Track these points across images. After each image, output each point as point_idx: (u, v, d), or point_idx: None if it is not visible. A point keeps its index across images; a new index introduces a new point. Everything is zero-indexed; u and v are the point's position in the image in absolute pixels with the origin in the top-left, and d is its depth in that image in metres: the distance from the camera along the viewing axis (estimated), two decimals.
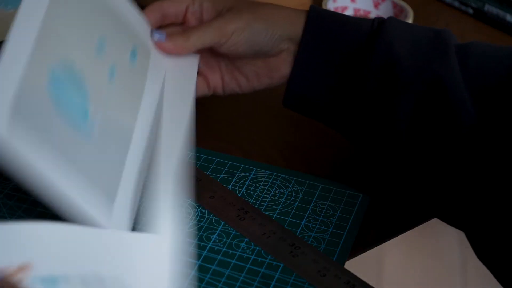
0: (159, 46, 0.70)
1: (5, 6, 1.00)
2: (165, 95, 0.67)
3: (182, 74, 0.70)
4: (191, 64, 0.71)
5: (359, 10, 1.05)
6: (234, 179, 0.75)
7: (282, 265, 0.66)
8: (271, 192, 0.74)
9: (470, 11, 1.08)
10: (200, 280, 0.64)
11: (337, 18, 0.71)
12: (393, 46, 0.67)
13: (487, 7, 1.06)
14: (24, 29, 0.50)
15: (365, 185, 0.76)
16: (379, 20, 0.70)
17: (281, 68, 0.72)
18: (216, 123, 0.85)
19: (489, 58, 0.67)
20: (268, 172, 0.77)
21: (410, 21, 0.99)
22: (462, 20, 1.08)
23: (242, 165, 0.77)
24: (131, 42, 0.65)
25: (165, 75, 0.69)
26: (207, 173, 0.76)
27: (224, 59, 0.73)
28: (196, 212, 0.71)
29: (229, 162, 0.77)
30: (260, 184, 0.75)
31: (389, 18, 0.70)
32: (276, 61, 0.72)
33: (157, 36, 0.70)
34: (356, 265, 0.71)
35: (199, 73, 0.73)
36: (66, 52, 0.53)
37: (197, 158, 0.77)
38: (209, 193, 0.73)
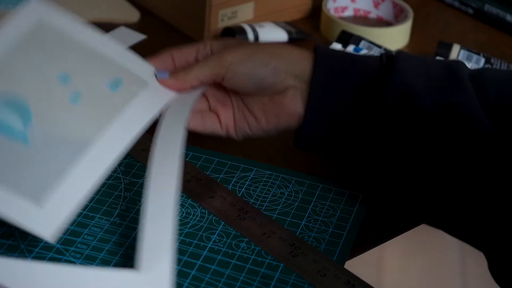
0: (163, 83, 0.71)
1: (5, 6, 1.00)
2: (161, 125, 0.69)
3: (181, 106, 0.71)
4: (191, 97, 0.72)
5: (359, 10, 1.05)
6: (234, 179, 0.75)
7: (282, 265, 0.66)
8: (271, 192, 0.74)
9: (470, 11, 1.08)
10: (200, 280, 0.64)
11: (344, 56, 0.71)
12: (407, 79, 0.67)
13: (487, 7, 1.06)
14: None
15: (365, 186, 0.76)
16: (387, 55, 0.70)
17: (288, 106, 0.71)
18: None
19: (504, 83, 0.67)
20: (268, 172, 0.77)
21: (410, 21, 1.00)
22: (462, 20, 1.08)
23: (242, 165, 0.77)
24: (110, 74, 0.70)
25: (164, 106, 0.71)
26: (207, 173, 0.76)
27: (235, 96, 0.73)
28: (196, 212, 0.71)
29: (229, 162, 0.77)
30: (260, 184, 0.75)
31: (398, 52, 0.70)
32: (283, 99, 0.71)
33: (160, 75, 0.72)
34: (356, 265, 0.71)
35: (212, 110, 0.74)
36: (8, 86, 0.65)
37: (197, 158, 0.77)
38: (209, 193, 0.73)
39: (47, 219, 0.60)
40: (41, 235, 0.60)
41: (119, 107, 0.68)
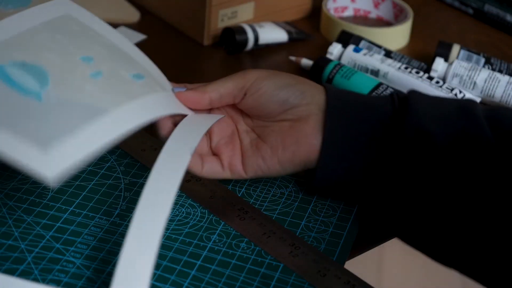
0: (180, 96, 0.68)
1: (5, 6, 1.00)
2: (167, 146, 0.66)
3: (192, 129, 0.68)
4: (207, 120, 0.69)
5: (359, 10, 1.05)
6: (234, 179, 0.75)
7: (282, 265, 0.66)
8: (271, 192, 0.74)
9: (470, 11, 1.08)
10: (200, 280, 0.64)
11: (355, 99, 0.68)
12: (422, 122, 0.65)
13: (487, 7, 1.06)
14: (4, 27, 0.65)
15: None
16: (398, 97, 0.68)
17: (310, 134, 0.67)
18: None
19: None
20: None
21: (410, 21, 1.00)
22: (462, 20, 1.08)
23: None
24: (133, 69, 0.68)
25: (179, 114, 0.69)
26: None
27: (246, 128, 0.70)
28: (196, 212, 0.71)
29: None
30: (260, 184, 0.75)
31: (410, 92, 0.68)
32: (305, 126, 0.67)
33: (177, 89, 0.69)
34: (356, 265, 0.71)
35: (213, 150, 0.70)
36: (28, 56, 0.64)
37: None
38: (209, 193, 0.73)
39: (51, 163, 0.57)
40: (43, 176, 0.56)
41: (138, 94, 0.66)
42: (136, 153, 0.77)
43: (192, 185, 0.73)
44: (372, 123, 0.67)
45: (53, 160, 0.57)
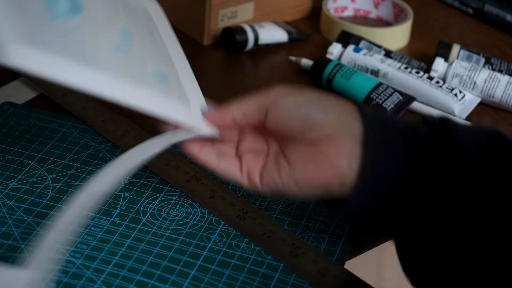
0: (207, 117, 0.65)
1: None
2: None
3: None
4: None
5: (359, 10, 1.05)
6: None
7: (282, 265, 0.66)
8: None
9: (470, 11, 1.08)
10: (200, 280, 0.64)
11: (394, 122, 0.63)
12: (461, 152, 0.61)
13: (487, 7, 1.06)
14: None
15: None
16: (434, 122, 0.63)
17: (333, 156, 0.61)
18: None
19: None
20: None
21: (410, 21, 0.99)
22: (462, 20, 1.08)
23: None
24: (161, 66, 0.66)
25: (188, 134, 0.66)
26: (207, 173, 0.75)
27: (273, 142, 0.65)
28: (196, 212, 0.71)
29: None
30: None
31: (446, 120, 0.63)
32: (328, 147, 0.61)
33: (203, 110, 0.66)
34: (356, 265, 0.71)
35: (236, 155, 0.66)
36: None
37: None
38: (209, 193, 0.73)
39: (17, 52, 0.53)
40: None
41: (149, 84, 0.63)
42: None
43: (192, 185, 0.73)
44: (413, 151, 0.62)
45: (20, 53, 0.53)
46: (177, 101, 0.64)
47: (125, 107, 0.59)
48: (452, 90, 0.87)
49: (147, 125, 0.82)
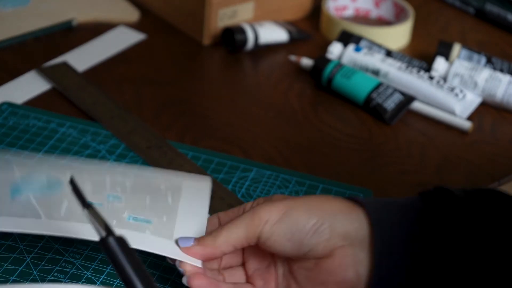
0: (187, 252, 0.61)
1: (3, 6, 0.99)
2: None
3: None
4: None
5: (359, 9, 1.05)
6: (234, 179, 0.75)
7: None
8: (271, 192, 0.74)
9: (471, 10, 1.08)
10: None
11: (397, 210, 0.61)
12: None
13: (488, 6, 1.06)
14: None
15: (365, 185, 0.75)
16: (425, 196, 0.61)
17: (337, 272, 0.59)
18: (216, 123, 0.85)
19: None
20: (268, 172, 0.76)
21: (410, 20, 0.99)
22: (462, 19, 1.08)
23: (242, 165, 0.77)
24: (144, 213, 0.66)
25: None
26: (207, 173, 0.75)
27: (281, 261, 0.62)
28: None
29: (229, 162, 0.77)
30: (260, 184, 0.75)
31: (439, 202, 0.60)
32: (330, 264, 0.59)
33: (183, 242, 0.61)
34: None
35: (248, 280, 0.63)
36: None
37: (197, 158, 0.77)
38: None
39: None
40: None
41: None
42: (139, 151, 0.77)
43: None
44: (424, 239, 0.59)
45: None
46: (150, 234, 0.62)
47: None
48: (453, 89, 0.87)
49: (155, 124, 0.82)
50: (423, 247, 0.59)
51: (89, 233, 0.58)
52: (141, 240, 0.61)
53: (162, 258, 0.65)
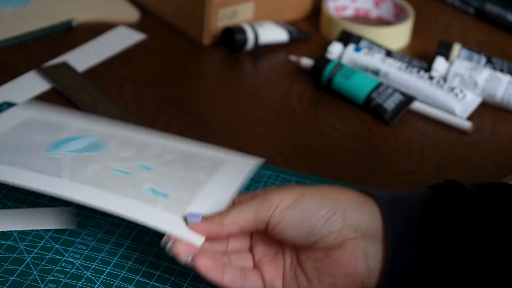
0: (193, 228, 0.60)
1: (3, 6, 1.00)
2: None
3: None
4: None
5: (359, 9, 1.05)
6: None
7: None
8: None
9: (471, 10, 1.08)
10: (200, 281, 0.64)
11: (412, 205, 0.60)
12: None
13: (488, 7, 1.06)
14: None
15: (365, 185, 0.75)
16: (439, 191, 0.60)
17: (347, 264, 0.58)
18: (216, 123, 0.85)
19: None
20: (268, 172, 0.76)
21: (410, 20, 0.99)
22: (463, 20, 1.08)
23: None
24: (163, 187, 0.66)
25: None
26: None
27: (289, 250, 0.61)
28: None
29: None
30: (260, 184, 0.75)
31: (451, 193, 0.60)
32: (340, 255, 0.58)
33: (191, 218, 0.61)
34: None
35: (256, 266, 0.62)
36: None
37: None
38: None
39: None
40: None
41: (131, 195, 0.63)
42: None
43: None
44: (436, 235, 0.58)
45: None
46: (161, 209, 0.62)
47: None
48: (453, 89, 0.87)
49: (155, 124, 0.82)
50: (436, 241, 0.58)
51: (99, 200, 0.60)
52: (147, 213, 0.61)
53: (162, 258, 0.65)
